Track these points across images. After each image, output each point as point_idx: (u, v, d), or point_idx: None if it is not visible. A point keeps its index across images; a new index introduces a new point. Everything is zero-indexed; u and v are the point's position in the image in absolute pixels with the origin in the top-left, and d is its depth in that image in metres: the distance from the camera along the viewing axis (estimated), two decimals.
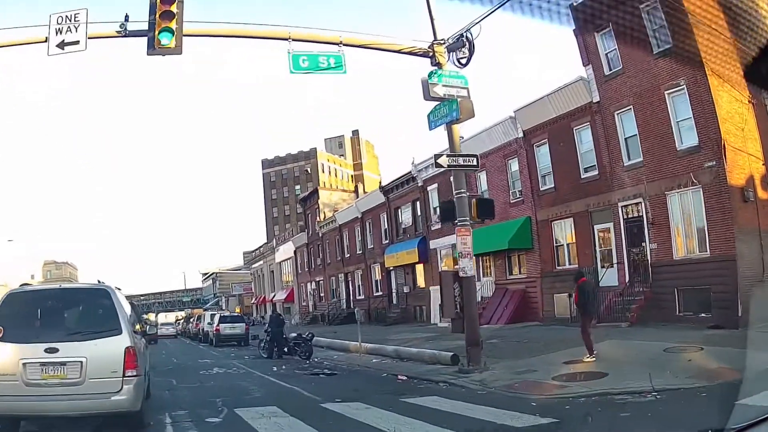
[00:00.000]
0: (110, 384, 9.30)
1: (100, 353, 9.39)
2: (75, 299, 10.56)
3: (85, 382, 9.17)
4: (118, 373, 9.35)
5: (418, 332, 31.30)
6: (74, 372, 9.17)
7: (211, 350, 35.53)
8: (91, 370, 9.22)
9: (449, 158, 16.46)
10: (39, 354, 9.12)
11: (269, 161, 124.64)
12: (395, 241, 45.12)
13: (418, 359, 19.69)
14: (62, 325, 9.88)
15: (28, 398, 9.07)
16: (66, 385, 9.14)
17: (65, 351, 9.21)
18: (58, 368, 9.18)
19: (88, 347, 9.37)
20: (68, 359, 9.19)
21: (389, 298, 46.55)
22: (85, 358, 9.24)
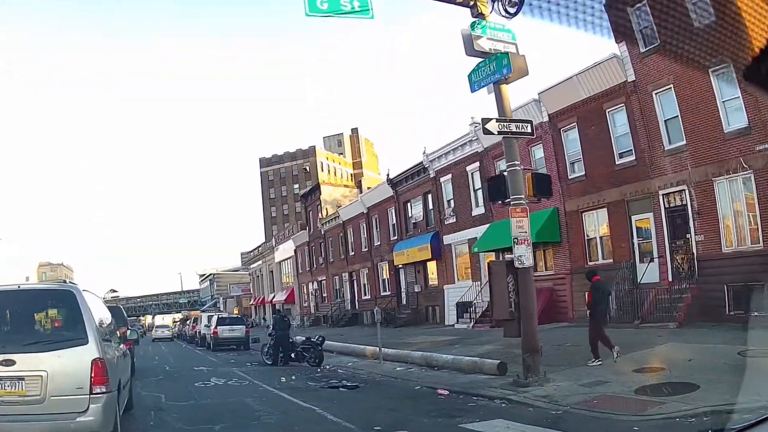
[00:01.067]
0: (75, 402, 7.81)
1: (64, 366, 7.93)
2: (35, 302, 8.87)
3: (46, 400, 7.75)
4: (85, 390, 7.86)
5: (436, 335, 28.50)
6: (34, 388, 7.76)
7: (209, 355, 32.45)
8: (53, 386, 7.80)
9: (499, 123, 13.67)
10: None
11: (267, 160, 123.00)
12: (405, 237, 42.31)
13: (454, 368, 16.94)
14: (20, 332, 8.40)
15: None
16: (25, 404, 7.75)
17: (23, 363, 7.84)
18: (15, 383, 7.81)
19: (50, 359, 7.92)
20: (27, 373, 7.80)
21: (398, 298, 43.68)
22: (46, 372, 7.82)
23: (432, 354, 19.10)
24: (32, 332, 8.49)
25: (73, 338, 8.19)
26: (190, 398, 15.34)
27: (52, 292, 9.43)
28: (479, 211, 33.99)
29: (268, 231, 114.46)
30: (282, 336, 23.77)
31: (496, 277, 15.08)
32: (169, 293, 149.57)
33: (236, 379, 19.21)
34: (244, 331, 37.01)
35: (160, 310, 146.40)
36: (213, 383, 18.24)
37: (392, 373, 18.33)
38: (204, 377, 19.89)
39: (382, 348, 20.80)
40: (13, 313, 8.72)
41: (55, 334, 8.45)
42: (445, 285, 37.07)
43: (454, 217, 36.27)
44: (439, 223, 37.92)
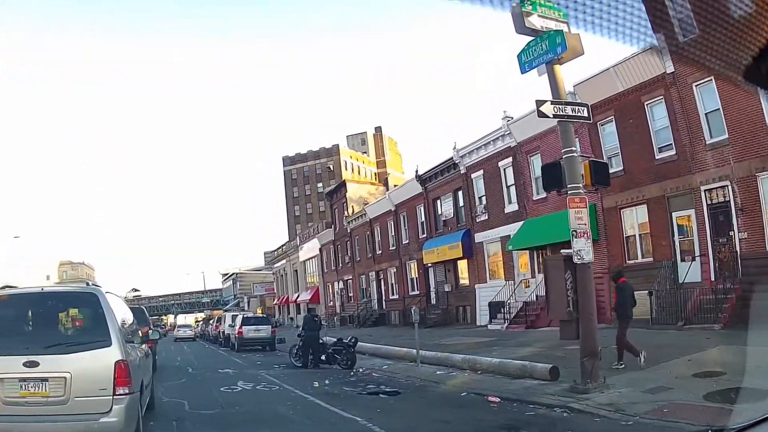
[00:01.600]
0: (98, 403, 8.04)
1: (87, 368, 8.15)
2: (59, 304, 9.15)
3: (69, 401, 7.96)
4: (108, 391, 8.09)
5: (470, 336, 27.95)
6: (58, 389, 7.97)
7: (233, 356, 31.77)
8: (77, 387, 8.00)
9: (554, 106, 12.99)
10: (17, 368, 7.98)
11: (290, 158, 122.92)
12: (434, 235, 41.89)
13: (500, 372, 16.21)
14: (44, 334, 8.64)
15: (5, 418, 7.93)
16: (48, 405, 7.96)
17: (47, 365, 8.03)
18: (39, 385, 8.01)
19: (74, 361, 8.12)
20: (50, 374, 8.00)
21: (427, 297, 43.19)
22: (70, 373, 8.01)
23: (475, 357, 18.23)
24: (56, 334, 8.67)
25: (96, 340, 8.37)
26: (216, 405, 14.34)
27: (76, 294, 9.61)
28: (512, 208, 33.54)
29: (292, 230, 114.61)
30: (312, 337, 22.95)
31: (552, 274, 14.46)
32: (192, 293, 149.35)
33: (265, 384, 18.33)
34: (270, 331, 36.37)
35: (182, 309, 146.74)
36: (240, 388, 17.39)
37: (432, 377, 17.51)
38: (230, 381, 19.02)
39: (422, 351, 20.20)
40: (37, 314, 8.98)
41: (79, 336, 8.68)
42: (477, 284, 36.63)
43: (486, 214, 35.84)
44: (470, 220, 37.49)
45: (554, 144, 29.60)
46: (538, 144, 30.98)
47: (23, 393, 8.02)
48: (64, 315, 9.05)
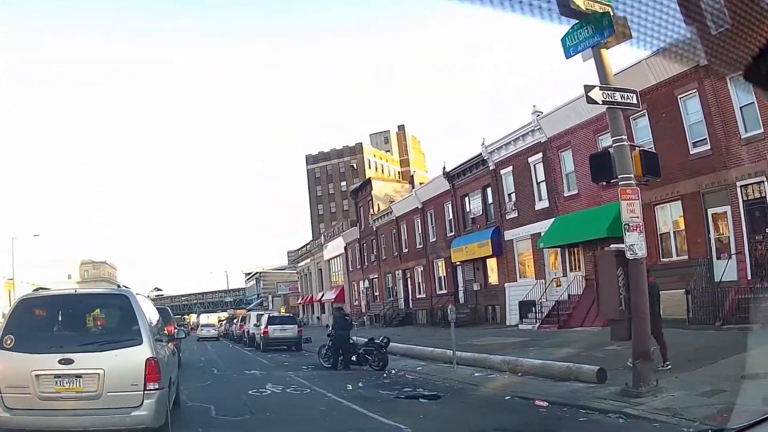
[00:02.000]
0: (130, 398, 8.80)
1: (120, 365, 8.90)
2: (92, 305, 10.04)
3: (102, 396, 8.71)
4: (139, 387, 8.84)
5: (502, 336, 27.70)
6: (91, 385, 8.70)
7: (259, 356, 31.43)
8: (110, 383, 8.75)
9: (603, 92, 12.51)
10: (53, 365, 8.67)
11: (313, 157, 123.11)
12: (462, 232, 41.78)
13: (543, 374, 15.77)
14: (78, 333, 9.44)
15: (41, 412, 8.62)
16: (82, 399, 8.68)
17: (81, 362, 8.75)
18: (73, 381, 8.72)
19: (106, 358, 8.88)
20: (84, 371, 8.72)
21: (455, 296, 42.83)
22: (103, 369, 8.76)
23: (516, 358, 17.68)
24: (89, 333, 9.47)
25: (128, 339, 9.09)
26: (245, 411, 13.44)
27: (108, 296, 10.76)
28: (543, 205, 33.37)
29: (316, 229, 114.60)
30: (342, 337, 22.38)
31: (604, 270, 13.71)
32: (214, 292, 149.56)
33: (295, 386, 17.53)
34: (297, 330, 36.22)
35: (205, 308, 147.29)
36: (269, 391, 16.60)
37: (470, 379, 16.90)
38: (258, 383, 18.22)
39: (458, 351, 19.64)
40: (71, 315, 9.73)
41: (111, 335, 9.37)
42: (506, 283, 36.45)
43: (516, 211, 35.65)
44: (499, 217, 37.31)
45: (586, 139, 29.57)
46: (568, 139, 30.83)
47: (58, 389, 8.63)
48: (96, 315, 9.78)
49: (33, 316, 9.49)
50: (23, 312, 9.49)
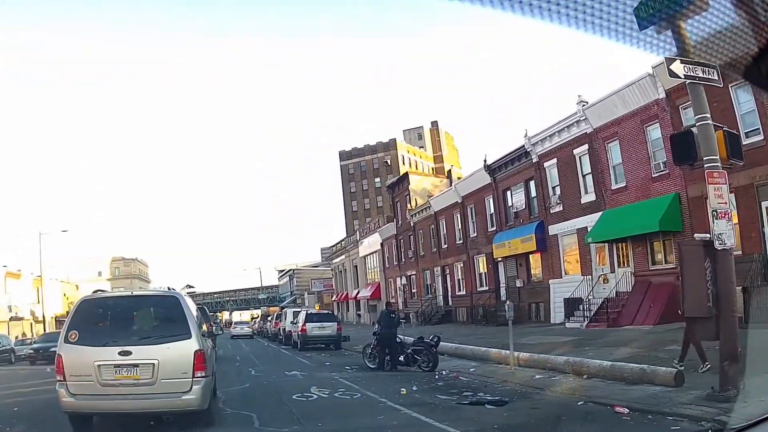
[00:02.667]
0: (181, 384, 10.45)
1: (171, 356, 10.51)
2: (146, 305, 11.89)
3: (156, 383, 10.32)
4: (188, 375, 10.49)
5: (550, 335, 27.11)
6: (146, 373, 10.32)
7: (298, 356, 30.61)
8: (163, 371, 10.36)
9: (684, 66, 11.69)
10: (113, 356, 10.28)
11: (347, 153, 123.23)
12: (504, 227, 41.27)
13: (613, 377, 14.76)
14: (135, 329, 11.06)
15: (102, 397, 10.30)
16: (139, 385, 10.31)
17: (138, 354, 10.37)
18: (131, 370, 10.35)
19: (160, 350, 10.47)
20: (141, 361, 10.34)
21: (497, 294, 42.50)
22: (157, 360, 10.36)
23: (582, 360, 16.59)
24: (145, 329, 11.02)
25: (178, 334, 10.68)
26: (292, 420, 12.32)
27: (161, 297, 12.31)
28: (589, 198, 32.77)
29: (350, 225, 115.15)
30: (389, 335, 21.29)
31: (689, 263, 12.64)
32: (247, 289, 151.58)
33: (343, 390, 16.42)
34: (336, 328, 35.47)
35: (237, 306, 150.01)
36: (315, 395, 15.50)
37: (532, 382, 15.90)
38: (301, 386, 17.19)
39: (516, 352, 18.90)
40: (128, 313, 11.33)
41: (164, 330, 10.87)
42: (551, 280, 35.96)
43: (561, 205, 35.11)
44: (543, 211, 36.77)
45: (633, 130, 29.02)
46: (615, 130, 30.25)
47: (117, 376, 10.25)
48: (151, 313, 11.46)
49: (93, 315, 11.10)
50: (85, 311, 11.05)
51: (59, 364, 10.51)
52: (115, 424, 11.65)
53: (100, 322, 11.08)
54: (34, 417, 13.30)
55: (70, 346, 10.53)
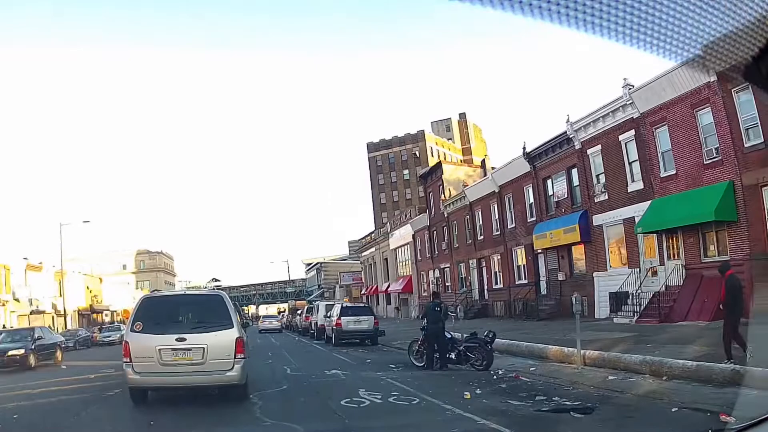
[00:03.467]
0: (225, 364, 13.49)
1: (218, 342, 13.50)
2: (197, 302, 15.57)
3: (206, 363, 13.32)
4: (231, 356, 13.52)
5: (600, 330, 25.80)
6: (198, 355, 13.29)
7: (334, 352, 29.42)
8: (211, 353, 13.34)
9: None
10: (171, 342, 13.21)
11: (374, 145, 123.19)
12: (545, 217, 40.34)
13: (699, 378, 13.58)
14: (188, 321, 14.23)
15: (162, 374, 13.27)
16: (191, 365, 13.27)
17: (191, 340, 13.32)
18: (185, 352, 13.29)
19: (209, 337, 13.47)
20: (193, 346, 13.30)
21: (536, 287, 41.73)
22: (207, 345, 13.36)
23: (662, 359, 15.16)
24: (196, 320, 14.05)
25: (223, 324, 13.76)
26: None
27: (209, 295, 16.52)
28: (636, 187, 31.77)
29: (378, 217, 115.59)
30: (437, 331, 19.79)
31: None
32: (273, 283, 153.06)
33: (396, 393, 14.74)
34: (373, 322, 34.40)
35: (264, 300, 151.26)
36: (367, 401, 13.86)
37: (607, 384, 14.66)
38: (347, 389, 15.76)
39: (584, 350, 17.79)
40: (183, 308, 14.76)
41: (212, 321, 13.79)
42: (595, 272, 35.03)
43: (606, 193, 34.11)
44: (587, 201, 35.82)
45: (684, 114, 28.08)
46: (664, 114, 29.28)
47: (174, 358, 13.18)
48: (200, 308, 14.64)
49: (153, 309, 14.21)
50: (146, 306, 14.25)
51: (126, 348, 13.54)
52: (164, 397, 14.74)
53: (160, 315, 13.97)
54: None
55: (136, 334, 13.55)
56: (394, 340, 31.74)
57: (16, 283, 62.73)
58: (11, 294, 60.85)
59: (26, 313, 62.09)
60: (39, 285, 66.85)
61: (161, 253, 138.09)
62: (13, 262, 62.46)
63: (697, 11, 2.09)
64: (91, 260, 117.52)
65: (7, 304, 58.89)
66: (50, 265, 69.66)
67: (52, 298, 67.99)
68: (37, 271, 68.10)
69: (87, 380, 21.24)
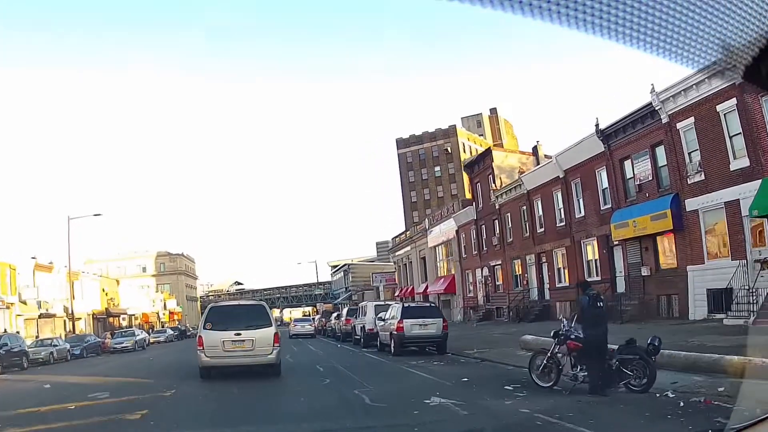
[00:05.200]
0: (266, 350, 20.57)
1: (262, 336, 20.68)
2: (247, 308, 23.04)
3: (254, 349, 20.47)
4: (271, 345, 20.67)
5: (716, 334, 21.28)
6: (249, 344, 20.41)
7: (403, 365, 23.58)
8: (258, 343, 20.52)
9: None
10: (231, 336, 20.29)
11: (404, 141, 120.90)
12: (623, 204, 35.63)
13: None
14: (242, 322, 20.91)
15: (224, 358, 20.38)
16: (245, 350, 20.43)
17: (245, 335, 20.44)
18: (240, 343, 20.39)
19: (256, 333, 20.63)
20: (246, 338, 20.44)
21: (612, 284, 36.98)
22: (255, 338, 20.56)
23: None
24: (247, 321, 20.95)
25: (265, 324, 21.13)
26: None
27: (255, 304, 23.80)
28: (740, 165, 27.01)
29: (408, 216, 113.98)
30: (600, 338, 14.33)
31: None
32: (298, 285, 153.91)
33: None
34: (441, 325, 27.91)
35: (288, 303, 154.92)
36: None
37: None
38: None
39: None
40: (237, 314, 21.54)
41: (257, 322, 21.00)
42: (689, 266, 30.29)
43: (701, 173, 29.52)
44: (677, 182, 31.12)
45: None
46: None
47: (233, 347, 20.20)
48: (250, 313, 21.75)
49: (218, 314, 21.53)
50: (213, 312, 21.80)
51: (200, 341, 20.59)
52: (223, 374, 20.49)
53: (222, 318, 20.99)
54: None
55: (207, 331, 20.53)
56: (459, 348, 27.64)
57: (24, 284, 58.95)
58: (17, 296, 57.02)
59: (34, 317, 58.54)
60: (49, 286, 63.18)
61: (182, 256, 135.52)
62: (20, 262, 58.56)
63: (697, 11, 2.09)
64: (110, 263, 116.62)
65: (12, 307, 54.95)
66: (62, 266, 65.31)
67: (64, 301, 63.96)
68: (46, 271, 64.68)
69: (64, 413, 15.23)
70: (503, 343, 28.58)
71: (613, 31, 2.05)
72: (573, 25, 2.00)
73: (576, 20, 1.99)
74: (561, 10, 1.96)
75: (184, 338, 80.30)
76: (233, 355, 20.14)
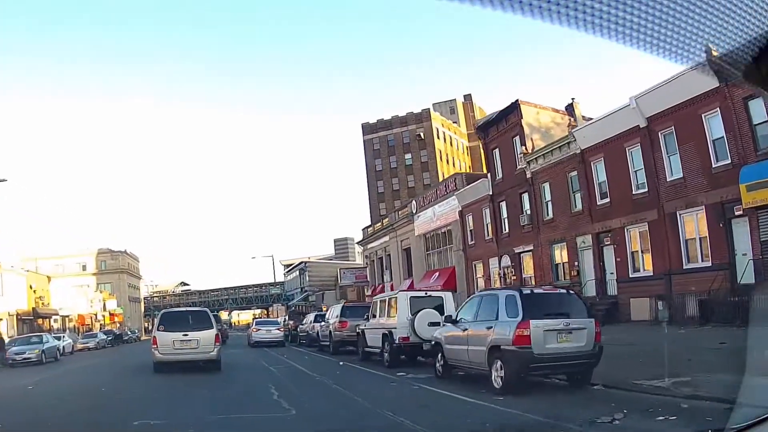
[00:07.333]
0: (209, 348, 25.03)
1: (205, 336, 25.09)
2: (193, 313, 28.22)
3: (199, 347, 24.83)
4: (212, 344, 25.13)
5: None
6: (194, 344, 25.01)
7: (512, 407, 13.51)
8: (202, 342, 24.87)
9: None
10: (180, 337, 24.68)
11: (371, 126, 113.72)
12: (752, 158, 25.59)
13: None
14: (189, 324, 25.58)
15: (175, 354, 24.60)
16: (191, 348, 24.77)
17: (191, 335, 24.83)
18: (188, 342, 24.74)
19: (200, 333, 25.06)
20: (192, 338, 24.88)
21: (731, 272, 26.66)
22: (200, 338, 24.93)
23: None
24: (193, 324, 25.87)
25: (208, 326, 25.91)
26: None
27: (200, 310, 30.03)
28: None
29: (375, 208, 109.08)
30: None
31: None
32: (248, 286, 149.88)
33: None
34: (594, 333, 16.28)
35: (238, 305, 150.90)
36: None
37: None
38: None
39: None
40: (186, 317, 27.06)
41: (202, 324, 25.87)
42: None
43: None
44: None
45: None
46: None
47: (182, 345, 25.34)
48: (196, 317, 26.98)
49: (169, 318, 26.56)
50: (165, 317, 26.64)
51: (155, 340, 25.27)
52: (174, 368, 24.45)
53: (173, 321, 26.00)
54: None
55: (160, 332, 25.18)
56: (615, 374, 16.47)
57: None
58: None
59: None
60: None
61: (125, 253, 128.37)
62: None
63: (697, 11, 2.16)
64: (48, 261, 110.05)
65: None
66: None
67: None
68: None
69: None
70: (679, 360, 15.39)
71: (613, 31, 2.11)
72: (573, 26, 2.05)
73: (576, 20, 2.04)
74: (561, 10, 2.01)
75: (120, 344, 69.57)
76: (182, 353, 24.64)
